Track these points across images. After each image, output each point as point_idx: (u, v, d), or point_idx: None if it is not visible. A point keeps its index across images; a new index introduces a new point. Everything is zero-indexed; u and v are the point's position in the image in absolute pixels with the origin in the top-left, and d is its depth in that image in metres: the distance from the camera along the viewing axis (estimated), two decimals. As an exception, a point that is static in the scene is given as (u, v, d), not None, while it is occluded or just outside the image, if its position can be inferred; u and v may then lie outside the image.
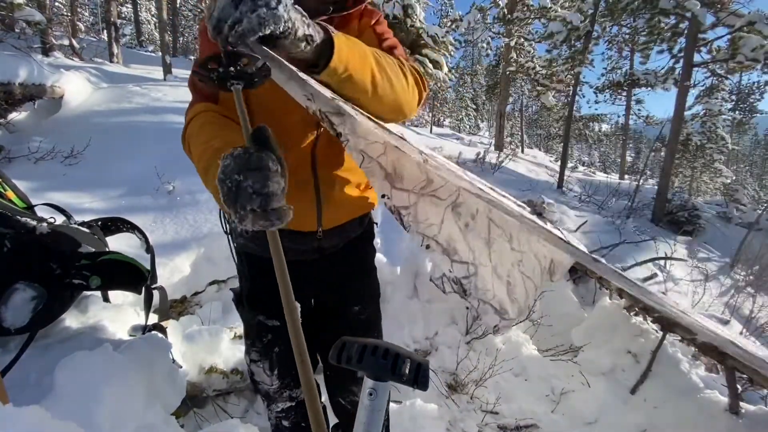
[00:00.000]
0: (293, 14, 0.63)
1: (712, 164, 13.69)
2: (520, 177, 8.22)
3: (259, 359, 1.13)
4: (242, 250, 1.11)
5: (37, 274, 1.12)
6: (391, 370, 0.42)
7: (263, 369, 1.13)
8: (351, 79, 0.76)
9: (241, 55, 0.66)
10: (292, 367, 1.14)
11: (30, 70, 4.19)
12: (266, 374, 1.13)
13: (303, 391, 0.54)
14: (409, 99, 0.91)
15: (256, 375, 1.16)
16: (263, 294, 1.09)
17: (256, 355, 1.13)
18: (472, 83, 27.95)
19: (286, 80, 0.72)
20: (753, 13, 7.61)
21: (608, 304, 2.38)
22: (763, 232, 9.07)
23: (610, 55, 16.82)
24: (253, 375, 1.17)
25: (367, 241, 1.20)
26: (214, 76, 0.68)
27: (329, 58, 0.71)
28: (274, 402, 1.17)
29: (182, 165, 3.79)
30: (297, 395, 1.17)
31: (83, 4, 18.95)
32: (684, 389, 1.93)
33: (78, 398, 0.95)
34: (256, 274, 1.10)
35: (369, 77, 0.79)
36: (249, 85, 0.71)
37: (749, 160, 36.89)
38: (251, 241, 1.06)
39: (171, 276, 2.35)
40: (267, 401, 1.19)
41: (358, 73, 0.77)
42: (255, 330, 1.12)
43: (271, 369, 1.12)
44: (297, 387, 1.17)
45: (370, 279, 1.22)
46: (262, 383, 1.16)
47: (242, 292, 1.14)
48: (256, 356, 1.13)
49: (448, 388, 2.07)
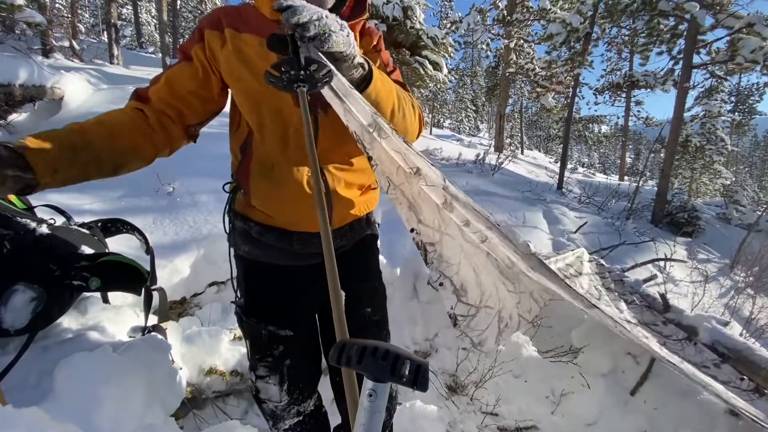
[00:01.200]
0: (354, 44, 0.80)
1: (711, 165, 13.70)
2: (520, 178, 8.22)
3: (267, 374, 1.08)
4: (247, 257, 1.08)
5: (37, 275, 1.12)
6: (390, 371, 0.42)
7: (272, 384, 1.08)
8: (378, 105, 0.89)
9: (314, 61, 0.74)
10: (303, 380, 1.13)
11: (30, 71, 4.19)
12: (275, 390, 1.09)
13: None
14: (414, 130, 1.05)
15: (263, 392, 1.10)
16: (271, 302, 1.07)
17: (265, 370, 1.08)
18: (472, 84, 28.01)
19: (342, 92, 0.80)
20: (752, 15, 7.63)
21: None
22: (762, 233, 9.07)
23: (609, 56, 16.85)
24: (258, 392, 1.11)
25: (373, 243, 1.22)
26: (285, 77, 0.75)
27: (367, 85, 0.85)
28: (281, 420, 1.13)
29: (182, 166, 3.80)
30: (305, 409, 1.14)
31: (83, 6, 18.99)
32: (684, 391, 1.93)
33: (78, 399, 0.95)
34: (262, 283, 1.08)
35: (390, 107, 0.93)
36: (312, 88, 0.77)
37: (749, 162, 36.94)
38: (258, 248, 1.05)
39: (171, 277, 2.35)
40: (272, 421, 1.14)
41: (383, 100, 0.90)
42: (264, 342, 1.06)
43: (281, 384, 1.08)
44: (305, 400, 1.14)
45: (378, 281, 1.22)
46: (269, 401, 1.11)
47: (246, 302, 1.09)
48: (265, 371, 1.08)
49: (447, 389, 2.07)
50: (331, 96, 0.84)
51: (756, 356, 1.78)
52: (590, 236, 5.61)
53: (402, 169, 1.00)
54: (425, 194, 1.04)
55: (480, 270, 1.20)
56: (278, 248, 1.04)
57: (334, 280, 0.62)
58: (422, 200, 1.06)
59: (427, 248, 1.11)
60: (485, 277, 1.22)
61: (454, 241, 1.13)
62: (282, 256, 1.06)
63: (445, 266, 1.15)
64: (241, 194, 1.06)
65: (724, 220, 10.81)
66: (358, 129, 0.87)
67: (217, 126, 3.89)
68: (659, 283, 3.81)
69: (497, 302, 1.28)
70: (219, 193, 3.31)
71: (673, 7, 7.96)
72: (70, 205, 2.71)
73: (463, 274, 1.18)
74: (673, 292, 4.20)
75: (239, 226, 1.08)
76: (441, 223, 1.11)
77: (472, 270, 1.19)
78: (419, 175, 1.00)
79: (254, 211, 1.03)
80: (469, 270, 1.18)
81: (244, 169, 1.00)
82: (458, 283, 1.19)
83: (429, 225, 1.10)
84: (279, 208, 0.99)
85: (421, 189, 1.03)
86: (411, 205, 1.06)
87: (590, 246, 4.91)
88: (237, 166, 1.04)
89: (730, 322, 2.47)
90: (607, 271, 2.51)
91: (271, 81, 0.76)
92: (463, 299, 1.22)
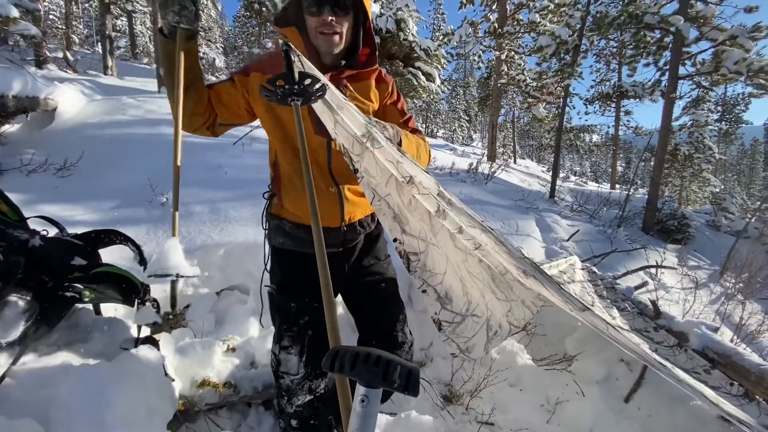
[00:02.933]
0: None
1: (700, 174, 13.92)
2: (513, 187, 8.29)
3: (291, 344, 1.21)
4: (281, 247, 1.32)
5: (29, 287, 1.12)
6: (382, 377, 0.43)
7: (293, 355, 1.20)
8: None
9: (308, 76, 0.79)
10: (320, 354, 1.24)
11: (23, 82, 4.18)
12: (294, 362, 1.20)
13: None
14: (425, 165, 1.27)
15: (283, 364, 1.22)
16: (302, 280, 1.26)
17: (289, 340, 1.21)
18: (465, 95, 28.35)
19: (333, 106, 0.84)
20: (735, 28, 7.86)
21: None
22: (751, 239, 9.22)
23: (598, 67, 17.23)
24: (279, 365, 1.23)
25: (379, 235, 1.45)
26: (280, 91, 0.81)
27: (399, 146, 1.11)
28: (294, 396, 1.23)
29: (176, 177, 3.79)
30: (317, 387, 1.25)
31: (78, 17, 19.03)
32: (677, 397, 1.94)
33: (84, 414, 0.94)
34: (293, 267, 1.30)
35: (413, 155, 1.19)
36: (306, 102, 0.84)
37: (736, 170, 37.62)
38: (291, 240, 1.29)
39: (163, 288, 2.33)
40: (287, 396, 1.24)
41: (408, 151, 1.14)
42: (294, 313, 1.23)
43: (300, 354, 1.22)
44: (318, 378, 1.25)
45: (387, 263, 1.42)
46: (287, 374, 1.22)
47: (281, 282, 1.29)
48: (289, 341, 1.21)
49: (443, 399, 2.06)
50: (322, 109, 0.87)
51: (745, 361, 1.81)
52: (582, 244, 5.65)
53: (394, 178, 1.02)
54: (416, 203, 1.06)
55: (466, 279, 1.22)
56: (308, 240, 1.17)
57: (328, 290, 0.64)
58: (410, 210, 1.10)
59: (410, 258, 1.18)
60: (472, 287, 1.24)
61: (440, 250, 1.16)
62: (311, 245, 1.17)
63: (429, 275, 1.19)
64: (276, 200, 1.32)
65: (713, 227, 10.96)
66: (347, 141, 0.90)
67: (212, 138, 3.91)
68: (650, 290, 3.85)
69: (485, 311, 1.29)
70: (212, 204, 3.30)
71: (659, 21, 8.17)
72: (63, 216, 2.69)
73: (447, 283, 1.21)
74: (664, 298, 4.24)
75: (274, 224, 1.33)
76: (428, 233, 1.14)
77: (459, 280, 1.21)
78: (412, 183, 1.02)
79: (287, 212, 1.29)
80: (455, 280, 1.20)
81: (276, 180, 1.29)
82: (442, 291, 1.21)
83: (414, 235, 1.15)
84: (305, 209, 1.22)
85: (413, 197, 1.05)
86: (396, 216, 1.11)
87: (582, 253, 4.95)
88: (272, 178, 1.32)
89: (720, 328, 2.50)
90: (599, 278, 2.54)
91: (266, 95, 0.80)
92: (448, 307, 1.25)
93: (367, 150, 0.94)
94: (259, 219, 1.40)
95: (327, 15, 1.06)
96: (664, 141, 8.80)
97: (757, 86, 8.17)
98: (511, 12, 11.91)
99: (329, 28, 1.08)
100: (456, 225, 1.12)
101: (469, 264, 1.21)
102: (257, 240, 2.75)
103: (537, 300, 1.41)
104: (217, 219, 3.01)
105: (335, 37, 1.10)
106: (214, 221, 2.98)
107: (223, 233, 2.83)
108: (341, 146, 0.98)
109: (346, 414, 0.52)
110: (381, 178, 1.05)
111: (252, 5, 14.21)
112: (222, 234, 2.82)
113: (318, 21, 1.08)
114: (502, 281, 1.29)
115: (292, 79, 0.77)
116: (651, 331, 2.10)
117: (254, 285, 2.59)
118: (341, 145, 0.97)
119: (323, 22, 1.07)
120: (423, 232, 1.17)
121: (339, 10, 1.08)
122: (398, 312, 1.36)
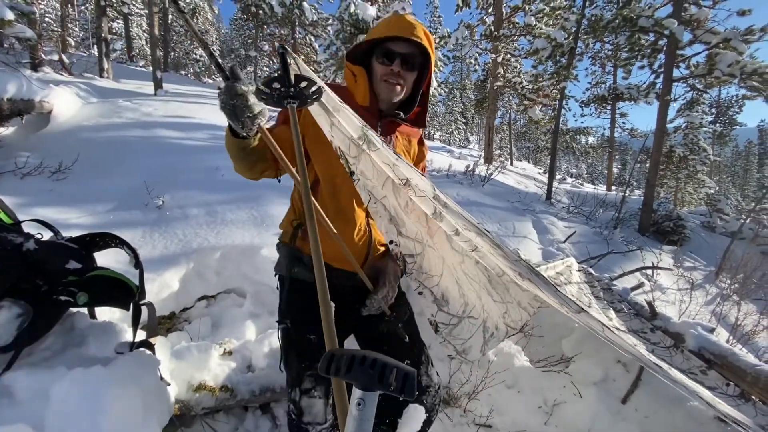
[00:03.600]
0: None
1: (695, 175, 14.02)
2: (510, 189, 8.32)
3: (313, 386, 1.07)
4: (295, 276, 1.25)
5: (23, 291, 1.11)
6: (378, 380, 0.43)
7: (317, 398, 1.06)
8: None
9: (304, 78, 0.79)
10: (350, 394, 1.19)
11: (19, 85, 4.17)
12: (320, 406, 1.06)
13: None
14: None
15: (307, 413, 1.05)
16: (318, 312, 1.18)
17: (311, 381, 1.07)
18: (461, 98, 28.48)
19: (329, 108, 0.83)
20: (728, 31, 7.94)
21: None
22: (745, 240, 9.28)
23: (593, 70, 17.37)
24: (302, 415, 1.06)
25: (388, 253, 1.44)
26: (275, 94, 0.79)
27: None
28: None
29: (172, 179, 3.78)
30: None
31: (74, 20, 18.98)
32: (674, 398, 1.95)
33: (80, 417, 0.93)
34: (309, 297, 1.17)
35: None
36: (302, 105, 0.83)
37: (731, 171, 37.93)
38: (309, 271, 1.21)
39: (160, 291, 2.32)
40: None
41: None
42: (315, 346, 1.12)
43: (327, 395, 1.08)
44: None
45: (404, 300, 1.36)
46: (313, 424, 1.05)
47: (295, 315, 1.21)
48: (311, 382, 1.07)
49: (441, 401, 2.06)
50: (318, 112, 0.87)
51: (741, 362, 1.81)
52: (579, 245, 5.68)
53: (390, 180, 1.02)
54: (412, 205, 1.06)
55: (463, 281, 1.22)
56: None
57: (324, 294, 0.64)
58: (406, 213, 1.10)
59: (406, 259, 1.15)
60: (468, 289, 1.24)
61: (437, 252, 1.16)
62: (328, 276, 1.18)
63: (425, 277, 1.19)
64: (301, 232, 1.26)
65: (708, 228, 11.03)
66: (343, 144, 0.90)
67: (208, 139, 3.93)
68: (647, 291, 3.87)
69: (482, 312, 1.29)
70: (209, 206, 3.29)
71: (653, 24, 8.24)
72: (58, 219, 2.68)
73: (444, 285, 1.20)
74: (660, 299, 4.26)
75: (292, 254, 1.27)
76: (425, 235, 1.14)
77: (455, 282, 1.21)
78: (408, 185, 1.02)
79: (308, 246, 1.22)
80: (451, 282, 1.20)
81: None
82: (439, 293, 1.21)
83: (410, 237, 1.14)
84: (333, 248, 1.18)
85: (409, 200, 1.05)
86: (392, 218, 1.10)
87: (579, 255, 4.97)
88: (299, 213, 1.28)
89: (716, 329, 2.51)
90: (595, 279, 2.55)
91: (262, 98, 0.79)
92: (444, 309, 1.24)
93: (363, 152, 0.94)
94: (255, 222, 1.37)
95: (396, 66, 1.13)
96: (659, 143, 8.87)
97: (750, 88, 8.24)
98: (507, 15, 11.99)
99: (395, 78, 1.15)
100: (452, 227, 1.12)
101: (465, 266, 1.22)
102: (253, 243, 2.74)
103: (534, 301, 1.41)
104: (213, 222, 3.00)
105: (397, 87, 1.16)
106: (211, 224, 2.97)
107: (220, 236, 2.82)
108: (338, 149, 0.98)
109: (343, 417, 0.52)
110: (377, 181, 1.05)
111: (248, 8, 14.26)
112: (218, 237, 2.81)
113: (386, 70, 1.14)
114: (499, 283, 1.29)
115: (289, 82, 0.78)
116: (648, 332, 2.10)
117: (251, 288, 2.58)
118: (338, 148, 0.97)
119: (391, 72, 1.14)
120: (419, 234, 1.17)
121: (407, 65, 1.15)
122: (419, 354, 1.27)
